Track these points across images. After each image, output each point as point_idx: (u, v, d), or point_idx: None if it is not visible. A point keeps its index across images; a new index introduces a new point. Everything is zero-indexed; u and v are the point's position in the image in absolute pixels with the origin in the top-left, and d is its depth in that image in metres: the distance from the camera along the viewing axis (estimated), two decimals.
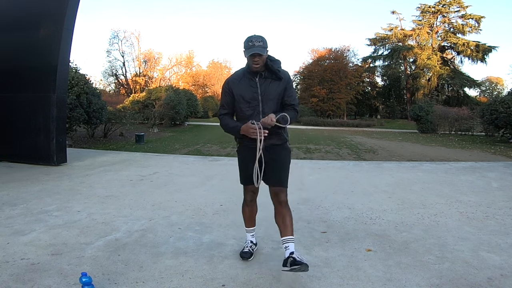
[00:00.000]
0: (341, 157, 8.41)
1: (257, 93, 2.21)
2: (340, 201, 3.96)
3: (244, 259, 2.40)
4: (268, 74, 2.23)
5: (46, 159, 5.92)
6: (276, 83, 2.23)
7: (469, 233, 2.96)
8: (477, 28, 30.76)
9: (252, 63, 2.16)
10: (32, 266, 2.25)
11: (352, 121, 28.98)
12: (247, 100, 2.22)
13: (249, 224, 2.51)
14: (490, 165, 6.78)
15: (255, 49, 2.12)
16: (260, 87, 2.21)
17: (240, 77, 2.27)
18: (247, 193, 2.42)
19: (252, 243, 2.52)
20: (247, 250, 2.45)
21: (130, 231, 2.93)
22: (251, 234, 2.54)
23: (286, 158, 2.32)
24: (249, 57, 2.15)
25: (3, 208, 3.49)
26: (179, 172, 5.64)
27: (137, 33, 37.66)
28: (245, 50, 2.18)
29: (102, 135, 11.84)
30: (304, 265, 1.97)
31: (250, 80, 2.23)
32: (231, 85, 2.27)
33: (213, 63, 46.08)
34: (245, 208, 2.47)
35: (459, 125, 16.73)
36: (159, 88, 20.60)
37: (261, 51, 2.12)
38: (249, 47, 2.14)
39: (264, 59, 2.17)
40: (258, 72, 2.22)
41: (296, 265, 1.97)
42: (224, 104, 2.31)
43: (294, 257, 2.02)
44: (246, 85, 2.23)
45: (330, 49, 35.02)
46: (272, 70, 2.22)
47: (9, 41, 6.13)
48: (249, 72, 2.24)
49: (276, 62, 2.26)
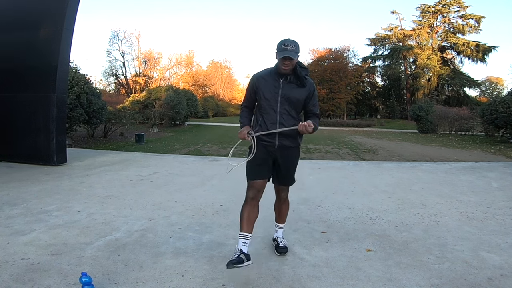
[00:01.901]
0: (341, 157, 8.40)
1: (277, 94, 2.27)
2: (340, 201, 3.96)
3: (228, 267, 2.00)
4: (293, 79, 2.29)
5: (46, 159, 5.92)
6: (299, 89, 2.30)
7: (469, 233, 2.96)
8: (477, 28, 30.77)
9: (282, 65, 2.21)
10: (32, 266, 2.25)
11: (352, 121, 28.97)
12: (267, 98, 2.29)
13: (245, 228, 2.19)
14: (490, 165, 6.78)
15: (287, 52, 2.17)
16: (282, 89, 2.28)
17: (266, 75, 2.34)
18: (251, 190, 2.28)
19: (241, 252, 2.09)
20: (234, 258, 2.05)
21: (130, 231, 2.93)
22: (243, 242, 2.15)
23: (296, 161, 2.45)
24: (281, 59, 2.20)
25: (3, 208, 3.48)
26: (179, 172, 5.64)
27: (137, 33, 37.71)
28: (277, 52, 2.23)
29: (102, 135, 11.84)
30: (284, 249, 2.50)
31: (275, 80, 2.29)
32: (256, 82, 2.35)
33: (213, 63, 46.17)
34: (245, 207, 2.26)
35: (459, 125, 16.73)
36: (159, 88, 20.60)
37: (292, 55, 2.18)
38: (282, 49, 2.18)
39: (294, 64, 2.23)
40: (284, 75, 2.27)
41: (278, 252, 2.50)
42: (247, 97, 2.45)
43: (278, 242, 2.55)
44: (270, 85, 2.29)
45: (330, 49, 35.03)
46: (299, 76, 2.28)
47: (9, 41, 6.12)
48: (276, 72, 2.30)
49: (304, 70, 2.33)
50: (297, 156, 2.45)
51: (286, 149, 2.34)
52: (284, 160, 2.35)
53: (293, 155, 2.41)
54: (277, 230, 2.62)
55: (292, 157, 2.40)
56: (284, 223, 2.62)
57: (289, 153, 2.37)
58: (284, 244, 2.54)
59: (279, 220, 2.60)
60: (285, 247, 2.52)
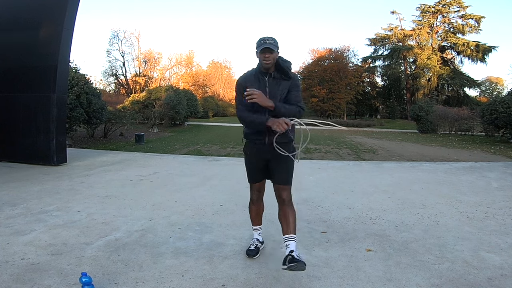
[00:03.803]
0: (341, 157, 8.40)
1: (265, 92, 2.24)
2: (340, 201, 3.96)
3: (250, 256, 2.44)
4: (277, 74, 2.28)
5: (46, 159, 5.92)
6: (285, 82, 2.28)
7: (469, 233, 2.96)
8: (477, 28, 30.76)
9: (264, 60, 2.21)
10: (32, 266, 2.25)
11: (352, 121, 28.93)
12: None
13: (255, 223, 2.56)
14: (490, 165, 6.78)
15: (266, 45, 2.18)
16: (268, 87, 2.26)
17: (250, 76, 2.32)
18: (253, 192, 2.47)
19: (258, 241, 2.57)
20: (253, 248, 2.50)
21: (130, 231, 2.93)
22: (257, 233, 2.59)
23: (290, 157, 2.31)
24: (260, 54, 2.21)
25: (3, 208, 3.48)
26: (179, 172, 5.64)
27: (137, 33, 37.70)
28: (256, 48, 2.23)
29: (102, 135, 11.84)
30: (300, 263, 1.94)
31: (260, 80, 2.28)
32: (243, 84, 2.31)
33: (213, 63, 46.16)
34: (252, 207, 2.52)
35: (459, 125, 16.72)
36: (159, 88, 20.59)
37: (271, 47, 2.18)
38: (261, 44, 2.20)
39: (274, 57, 2.23)
40: (268, 72, 2.27)
41: (292, 263, 1.95)
42: (241, 100, 2.33)
43: (293, 255, 2.01)
44: (255, 84, 2.27)
45: (330, 49, 35.04)
46: (282, 69, 2.27)
47: (9, 41, 6.13)
48: (260, 72, 2.29)
49: (287, 62, 2.33)
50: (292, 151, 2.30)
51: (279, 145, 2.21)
52: (278, 157, 2.23)
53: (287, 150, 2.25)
54: (288, 243, 2.10)
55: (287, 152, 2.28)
56: (294, 234, 2.16)
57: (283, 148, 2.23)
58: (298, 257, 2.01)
59: (287, 230, 2.17)
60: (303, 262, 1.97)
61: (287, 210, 2.25)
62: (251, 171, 2.43)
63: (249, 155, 2.40)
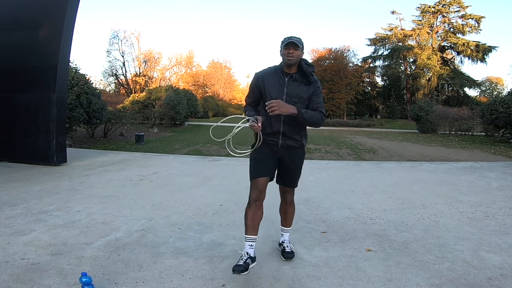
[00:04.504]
0: (341, 157, 8.40)
1: (282, 92, 2.21)
2: (340, 201, 3.96)
3: (235, 272, 2.01)
4: (299, 77, 2.23)
5: (46, 159, 5.92)
6: (305, 87, 2.24)
7: (469, 233, 2.96)
8: (477, 28, 30.75)
9: (287, 56, 2.16)
10: (32, 266, 2.25)
11: (352, 121, 28.95)
12: (272, 97, 2.20)
13: (249, 231, 2.18)
14: (490, 165, 6.78)
15: (291, 39, 2.14)
16: (287, 88, 2.22)
17: (271, 73, 2.28)
18: (254, 191, 2.21)
19: (248, 256, 2.14)
20: (241, 263, 2.08)
21: (130, 231, 2.93)
22: (249, 244, 2.17)
23: (301, 161, 2.39)
24: (284, 49, 2.16)
25: (3, 208, 3.48)
26: (179, 172, 5.64)
27: (137, 33, 37.70)
28: (281, 44, 2.20)
29: (102, 135, 11.84)
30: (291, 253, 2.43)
31: (280, 78, 2.24)
32: (260, 79, 2.28)
33: (213, 63, 46.14)
34: (248, 210, 2.20)
35: (459, 125, 16.72)
36: (159, 88, 20.58)
37: (297, 42, 2.14)
38: (285, 40, 2.16)
39: (298, 55, 2.18)
40: (289, 73, 2.23)
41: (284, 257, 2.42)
42: (250, 95, 2.37)
43: (284, 246, 2.47)
44: (275, 83, 2.24)
45: (330, 49, 35.03)
46: (305, 73, 2.23)
47: (9, 41, 6.12)
48: (281, 70, 2.25)
49: (311, 66, 2.28)
50: (302, 157, 2.38)
51: (290, 149, 2.28)
52: (288, 161, 2.30)
53: (298, 155, 2.34)
54: (283, 234, 2.53)
55: (297, 158, 2.34)
56: (290, 227, 2.54)
57: (294, 153, 2.31)
58: (290, 249, 2.46)
59: (285, 223, 2.52)
60: (292, 252, 2.44)
61: (289, 207, 2.49)
62: (259, 162, 2.25)
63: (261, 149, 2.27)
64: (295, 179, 2.40)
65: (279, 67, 2.27)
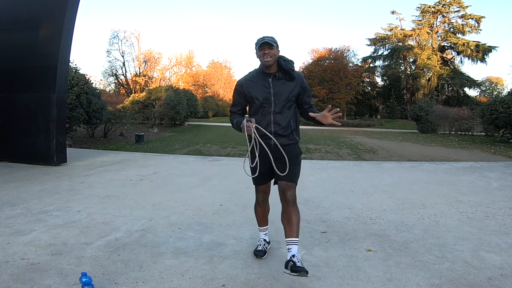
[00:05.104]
0: (341, 157, 8.40)
1: (270, 93, 2.21)
2: (340, 201, 3.96)
3: (258, 257, 2.42)
4: (281, 75, 2.23)
5: (46, 159, 5.92)
6: (290, 83, 2.23)
7: (469, 233, 2.96)
8: (477, 28, 30.75)
9: (263, 56, 2.16)
10: (32, 266, 2.25)
11: (352, 121, 28.94)
12: (260, 100, 2.21)
13: (262, 224, 2.53)
14: (490, 165, 6.78)
15: (264, 39, 2.14)
16: (273, 88, 2.21)
17: (253, 77, 2.27)
18: (259, 194, 2.41)
19: (265, 242, 2.54)
20: (260, 248, 2.47)
21: (130, 231, 2.93)
22: (264, 233, 2.56)
23: (295, 155, 2.27)
24: (259, 50, 2.16)
25: (3, 208, 3.48)
26: (179, 172, 5.64)
27: (137, 33, 37.75)
28: (255, 47, 2.19)
29: (102, 135, 11.84)
30: (303, 272, 1.95)
31: (263, 80, 2.23)
32: (244, 86, 2.27)
33: (213, 63, 46.21)
34: (257, 208, 2.47)
35: (459, 125, 16.71)
36: (159, 88, 20.59)
37: (270, 41, 2.14)
38: (259, 42, 2.17)
39: (274, 54, 2.17)
40: (271, 73, 2.22)
41: (294, 272, 1.97)
42: (236, 103, 2.35)
43: (294, 261, 2.00)
44: (259, 86, 2.23)
45: (330, 49, 35.06)
46: (285, 70, 2.22)
47: (9, 41, 6.13)
48: (262, 72, 2.25)
49: (289, 62, 2.26)
50: (298, 150, 2.31)
51: (284, 147, 2.21)
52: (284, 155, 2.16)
53: (293, 149, 2.26)
54: (291, 248, 2.08)
55: (292, 151, 2.24)
56: (297, 237, 2.12)
57: (289, 149, 2.23)
58: (301, 263, 2.03)
59: (290, 232, 2.11)
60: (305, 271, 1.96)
61: (291, 212, 2.16)
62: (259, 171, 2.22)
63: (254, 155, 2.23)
64: (292, 172, 2.20)
65: (259, 69, 2.27)
